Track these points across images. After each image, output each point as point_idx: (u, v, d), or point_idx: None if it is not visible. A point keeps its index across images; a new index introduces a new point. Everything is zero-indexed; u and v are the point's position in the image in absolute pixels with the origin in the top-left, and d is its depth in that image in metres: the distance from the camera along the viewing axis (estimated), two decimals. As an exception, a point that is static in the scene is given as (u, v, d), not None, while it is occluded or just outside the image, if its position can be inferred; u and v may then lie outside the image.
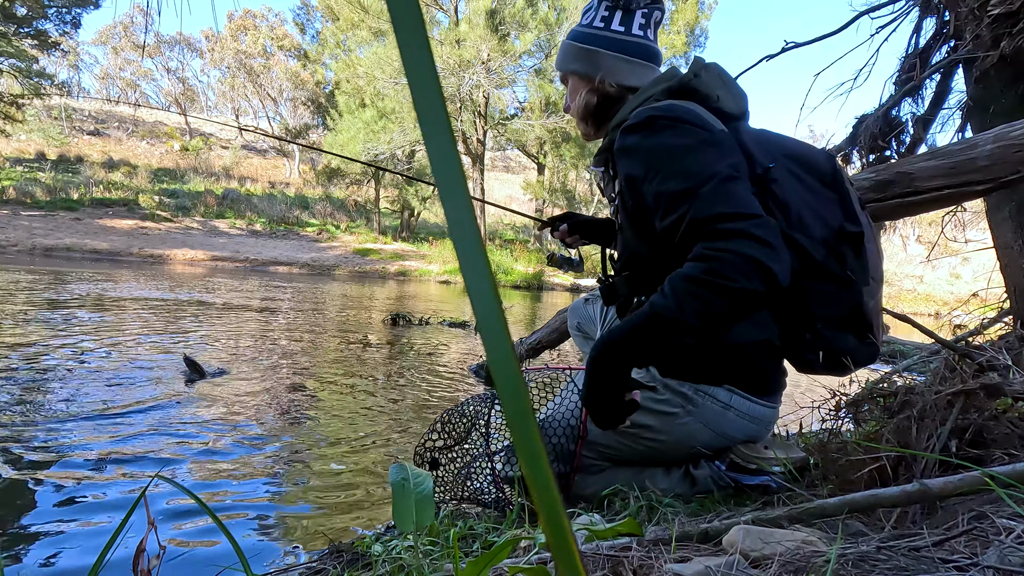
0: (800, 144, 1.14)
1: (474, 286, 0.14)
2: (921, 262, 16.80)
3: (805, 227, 1.04)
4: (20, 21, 15.47)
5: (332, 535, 1.20)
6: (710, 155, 0.98)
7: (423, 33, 0.14)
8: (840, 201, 1.08)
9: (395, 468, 0.72)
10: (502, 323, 0.14)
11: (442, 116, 0.14)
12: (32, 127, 21.61)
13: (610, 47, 1.19)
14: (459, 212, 0.14)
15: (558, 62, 1.27)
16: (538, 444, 0.15)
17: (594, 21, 1.20)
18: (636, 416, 1.14)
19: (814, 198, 1.07)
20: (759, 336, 1.08)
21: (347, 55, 16.27)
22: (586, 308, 1.64)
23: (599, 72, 1.19)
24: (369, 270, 13.77)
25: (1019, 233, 1.74)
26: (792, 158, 1.10)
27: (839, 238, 1.06)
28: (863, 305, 1.04)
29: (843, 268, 1.05)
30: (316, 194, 22.15)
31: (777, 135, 1.16)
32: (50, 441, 1.63)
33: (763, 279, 0.87)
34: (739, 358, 1.10)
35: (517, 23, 14.20)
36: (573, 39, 1.23)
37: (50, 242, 12.02)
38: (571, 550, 0.15)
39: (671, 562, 0.63)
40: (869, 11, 2.29)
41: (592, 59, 1.19)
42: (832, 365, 1.08)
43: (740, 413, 1.12)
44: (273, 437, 1.81)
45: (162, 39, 29.58)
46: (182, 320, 4.11)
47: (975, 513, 0.65)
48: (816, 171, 1.10)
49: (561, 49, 1.26)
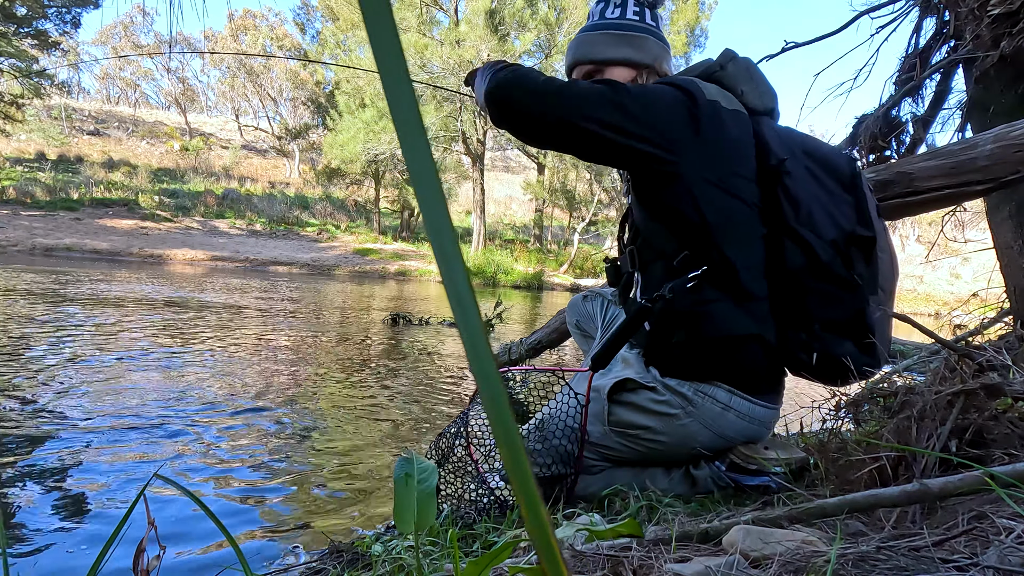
0: (823, 145, 1.16)
1: (448, 276, 0.14)
2: (921, 262, 16.78)
3: (814, 224, 1.05)
4: (20, 21, 15.46)
5: (332, 535, 1.20)
6: (661, 110, 1.04)
7: (395, 33, 0.14)
8: (855, 205, 1.08)
9: (401, 462, 0.71)
10: (481, 325, 0.14)
11: (415, 116, 0.14)
12: (32, 127, 21.60)
13: (655, 35, 1.23)
14: (435, 214, 0.14)
15: (595, 52, 1.22)
16: (520, 447, 0.15)
17: (626, 14, 1.21)
18: (637, 417, 1.14)
19: (829, 198, 1.08)
20: (751, 330, 1.07)
21: (347, 55, 16.27)
22: (584, 305, 1.63)
23: (653, 59, 1.21)
24: (369, 270, 13.77)
25: (1019, 233, 1.74)
26: (811, 156, 1.11)
27: (849, 241, 1.05)
28: (867, 312, 1.04)
29: (850, 272, 1.04)
30: (316, 194, 22.16)
31: (802, 134, 1.17)
32: (49, 441, 1.63)
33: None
34: (733, 352, 1.09)
35: (517, 23, 14.21)
36: (614, 28, 1.22)
37: (50, 242, 12.02)
38: (552, 548, 0.15)
39: (671, 562, 0.63)
40: (869, 11, 2.28)
41: (643, 46, 1.21)
42: (826, 369, 1.07)
43: (740, 414, 1.12)
44: (273, 437, 1.81)
45: (162, 39, 29.56)
46: (182, 320, 4.11)
47: (975, 513, 0.65)
48: (835, 172, 1.10)
49: (596, 40, 1.22)
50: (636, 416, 1.15)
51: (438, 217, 0.14)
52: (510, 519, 1.03)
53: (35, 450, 1.56)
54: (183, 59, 28.11)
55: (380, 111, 15.14)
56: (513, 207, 25.89)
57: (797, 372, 1.13)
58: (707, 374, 1.11)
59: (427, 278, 13.48)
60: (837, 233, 1.05)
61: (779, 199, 1.06)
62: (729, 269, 1.06)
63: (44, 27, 16.26)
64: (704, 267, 1.06)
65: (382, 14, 0.14)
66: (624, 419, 1.16)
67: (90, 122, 27.27)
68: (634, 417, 1.15)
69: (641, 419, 1.14)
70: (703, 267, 1.06)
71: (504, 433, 0.14)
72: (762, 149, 1.09)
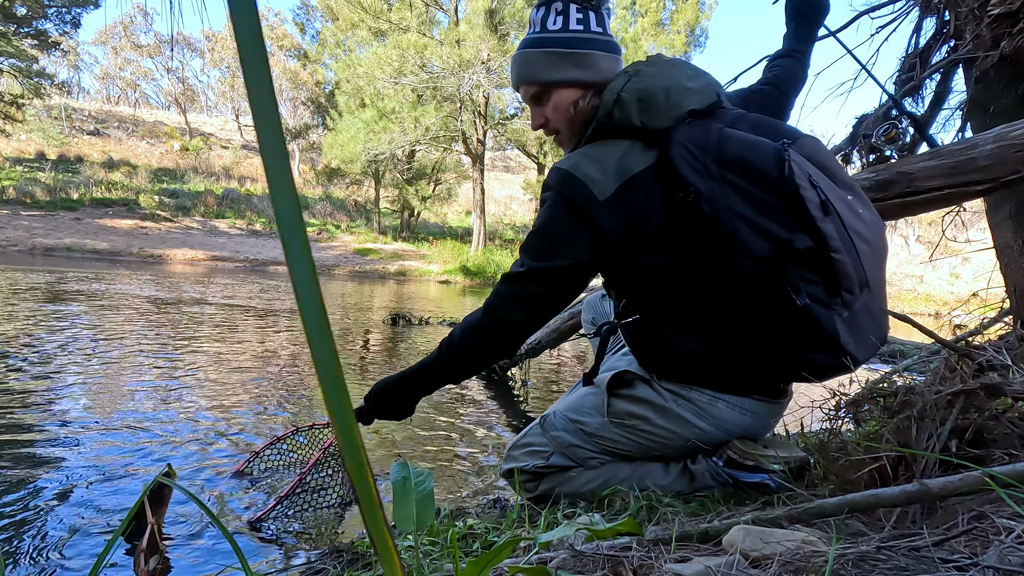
0: (745, 145, 1.00)
1: (298, 275, 0.14)
2: (921, 262, 16.80)
3: (739, 246, 0.97)
4: (20, 21, 15.47)
5: (332, 535, 1.20)
6: (560, 242, 1.08)
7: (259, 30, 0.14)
8: (787, 209, 0.95)
9: (397, 466, 0.72)
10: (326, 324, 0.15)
11: (272, 111, 0.14)
12: (32, 127, 21.61)
13: (602, 46, 1.14)
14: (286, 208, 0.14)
15: (540, 73, 1.14)
16: (360, 451, 0.15)
17: (569, 24, 1.12)
18: (635, 408, 1.16)
19: (754, 210, 0.97)
20: (708, 349, 1.08)
21: (347, 55, 16.26)
22: (603, 304, 1.63)
23: (600, 76, 1.13)
24: (369, 270, 13.77)
25: (1019, 233, 1.74)
26: (731, 165, 0.99)
27: (784, 253, 0.95)
28: (821, 322, 0.96)
29: (790, 287, 0.96)
30: (316, 194, 22.16)
31: (728, 134, 1.02)
32: (49, 441, 1.63)
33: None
34: (703, 362, 1.10)
35: (517, 23, 14.20)
36: (558, 46, 1.12)
37: (50, 242, 12.02)
38: (389, 547, 0.16)
39: (671, 562, 0.63)
40: (869, 11, 2.28)
41: (590, 64, 1.12)
42: (801, 375, 1.05)
43: (730, 404, 1.12)
44: (272, 437, 1.81)
45: (162, 39, 29.58)
46: (182, 320, 4.11)
47: (975, 513, 0.65)
48: (760, 178, 0.97)
49: (540, 59, 1.13)
50: (634, 407, 1.17)
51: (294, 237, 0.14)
52: (510, 518, 1.03)
53: (35, 450, 1.56)
54: (183, 59, 28.13)
55: (380, 111, 15.13)
56: (513, 207, 25.89)
57: (772, 386, 1.14)
58: (689, 379, 1.13)
59: (427, 278, 13.49)
60: (770, 248, 0.96)
61: (700, 228, 1.01)
62: (665, 313, 1.11)
63: (44, 27, 16.26)
64: (637, 315, 1.15)
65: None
66: (623, 410, 1.18)
67: (90, 122, 27.27)
68: (632, 408, 1.17)
69: (639, 410, 1.16)
70: (636, 315, 1.15)
71: (348, 443, 0.15)
72: (672, 181, 1.02)
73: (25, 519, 1.19)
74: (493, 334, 1.14)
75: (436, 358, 1.18)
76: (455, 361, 1.17)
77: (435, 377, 1.20)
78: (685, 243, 1.05)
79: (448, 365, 1.18)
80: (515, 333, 1.13)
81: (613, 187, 1.04)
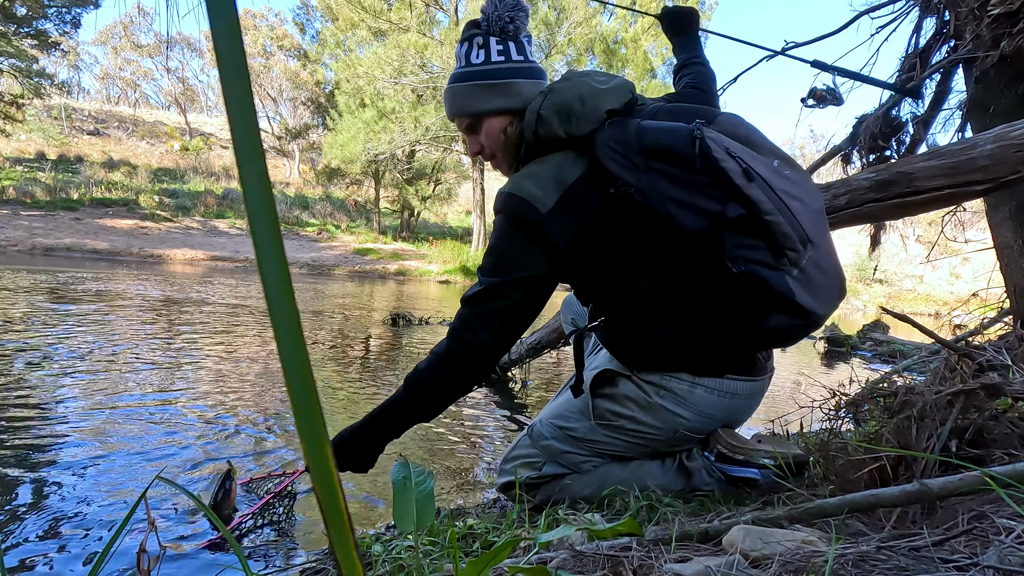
0: (662, 132, 1.05)
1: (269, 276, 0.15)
2: (921, 262, 16.78)
3: (675, 227, 1.01)
4: (20, 21, 15.47)
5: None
6: (515, 258, 1.09)
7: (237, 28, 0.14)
8: (715, 184, 0.99)
9: (397, 466, 0.72)
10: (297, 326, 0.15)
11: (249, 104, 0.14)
12: (32, 127, 21.60)
13: (523, 73, 1.18)
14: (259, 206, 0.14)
15: (470, 105, 1.19)
16: (327, 453, 0.15)
17: (491, 57, 1.17)
18: (618, 407, 1.17)
19: (683, 190, 1.01)
20: (677, 333, 1.11)
21: (347, 55, 16.25)
22: (580, 304, 1.64)
23: (523, 102, 1.17)
24: (369, 270, 13.77)
25: (1019, 233, 1.74)
26: (653, 154, 1.03)
27: (719, 225, 0.99)
28: (772, 284, 0.98)
29: (726, 257, 0.99)
30: (316, 194, 22.15)
31: (647, 126, 1.07)
32: (50, 441, 1.63)
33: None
34: (672, 348, 1.12)
35: (517, 23, 14.17)
36: (483, 78, 1.17)
37: (50, 242, 12.02)
38: (350, 548, 0.16)
39: (671, 562, 0.63)
40: (869, 11, 2.28)
41: (513, 91, 1.17)
42: (770, 340, 1.08)
43: (709, 388, 1.13)
44: (272, 437, 1.81)
45: (161, 39, 29.58)
46: (182, 319, 4.11)
47: (975, 513, 0.65)
48: (680, 160, 1.02)
49: (468, 93, 1.19)
50: (618, 407, 1.18)
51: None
52: (510, 519, 1.03)
53: (35, 451, 1.56)
54: (183, 59, 28.12)
55: (380, 111, 15.12)
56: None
57: (741, 355, 1.15)
58: (665, 367, 1.15)
59: (427, 278, 13.48)
60: (704, 221, 1.00)
61: (639, 218, 1.05)
62: (631, 306, 1.13)
63: (44, 27, 16.25)
64: (603, 318, 1.17)
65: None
66: (608, 410, 1.19)
67: (90, 122, 27.26)
68: (617, 407, 1.18)
69: (623, 409, 1.17)
70: (602, 318, 1.18)
71: (314, 448, 0.15)
72: (604, 180, 1.06)
73: (24, 520, 1.19)
74: (460, 360, 1.10)
75: (402, 395, 1.13)
76: (424, 395, 1.12)
77: (403, 416, 1.14)
78: (632, 236, 1.08)
79: (416, 401, 1.12)
80: (482, 355, 1.10)
81: (554, 199, 1.07)
